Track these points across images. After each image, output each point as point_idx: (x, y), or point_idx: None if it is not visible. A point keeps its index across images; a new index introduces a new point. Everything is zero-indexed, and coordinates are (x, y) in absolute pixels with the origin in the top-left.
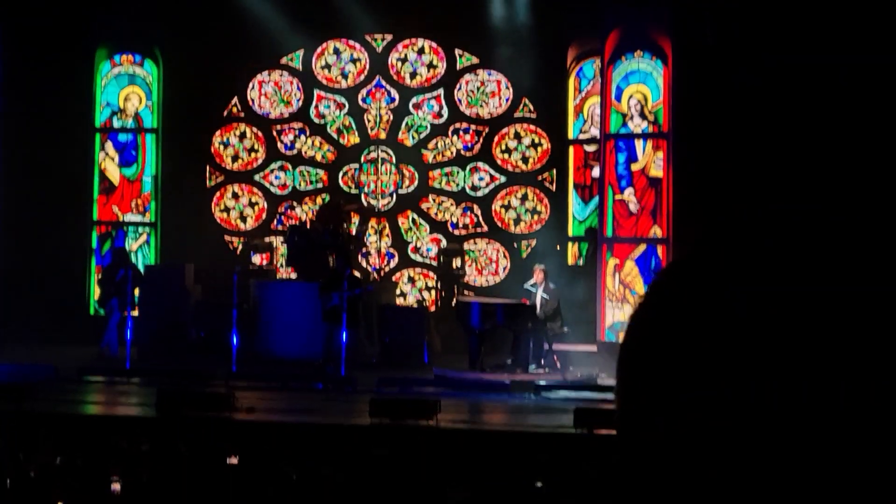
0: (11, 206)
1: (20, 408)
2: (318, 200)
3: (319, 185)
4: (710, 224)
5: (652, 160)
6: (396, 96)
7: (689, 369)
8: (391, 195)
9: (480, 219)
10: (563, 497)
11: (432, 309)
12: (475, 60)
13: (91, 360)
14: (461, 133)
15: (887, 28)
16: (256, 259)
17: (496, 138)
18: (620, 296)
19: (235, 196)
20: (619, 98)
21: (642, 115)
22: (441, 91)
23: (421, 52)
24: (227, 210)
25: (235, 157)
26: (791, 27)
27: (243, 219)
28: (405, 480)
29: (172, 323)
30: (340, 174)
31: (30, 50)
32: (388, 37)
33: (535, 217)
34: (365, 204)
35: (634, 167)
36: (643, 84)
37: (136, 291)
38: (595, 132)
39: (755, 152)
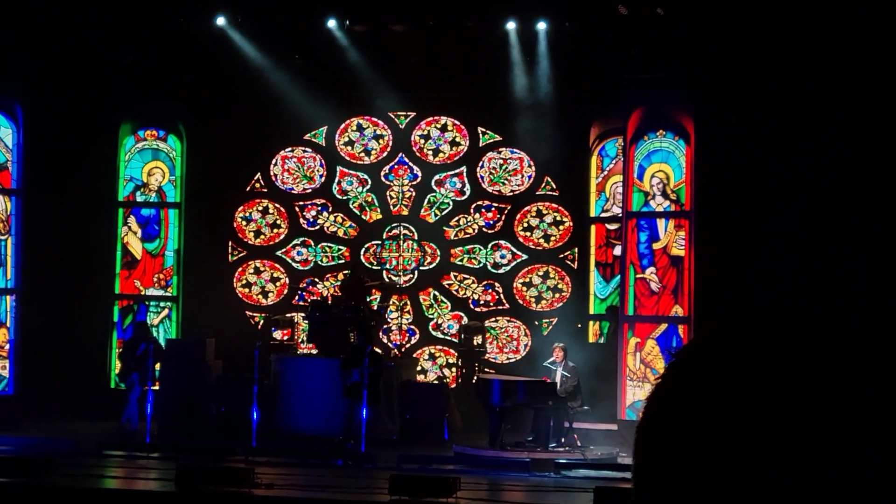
0: (33, 278)
1: (40, 482)
2: (340, 276)
3: (341, 262)
4: (731, 304)
5: (674, 239)
6: (419, 173)
7: (708, 452)
8: (413, 272)
9: (502, 296)
10: None
11: (453, 386)
12: (498, 138)
13: (111, 434)
14: (483, 210)
15: None
16: (277, 334)
17: (518, 216)
18: (641, 374)
19: (257, 271)
20: (641, 177)
21: (664, 194)
22: (463, 168)
23: (444, 129)
24: (248, 285)
25: (258, 233)
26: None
27: (265, 294)
28: None
29: (193, 398)
30: (362, 250)
31: (54, 124)
32: (412, 114)
33: (557, 295)
34: (386, 280)
35: (656, 246)
36: (665, 163)
37: (157, 366)
38: (617, 211)
39: (777, 232)
